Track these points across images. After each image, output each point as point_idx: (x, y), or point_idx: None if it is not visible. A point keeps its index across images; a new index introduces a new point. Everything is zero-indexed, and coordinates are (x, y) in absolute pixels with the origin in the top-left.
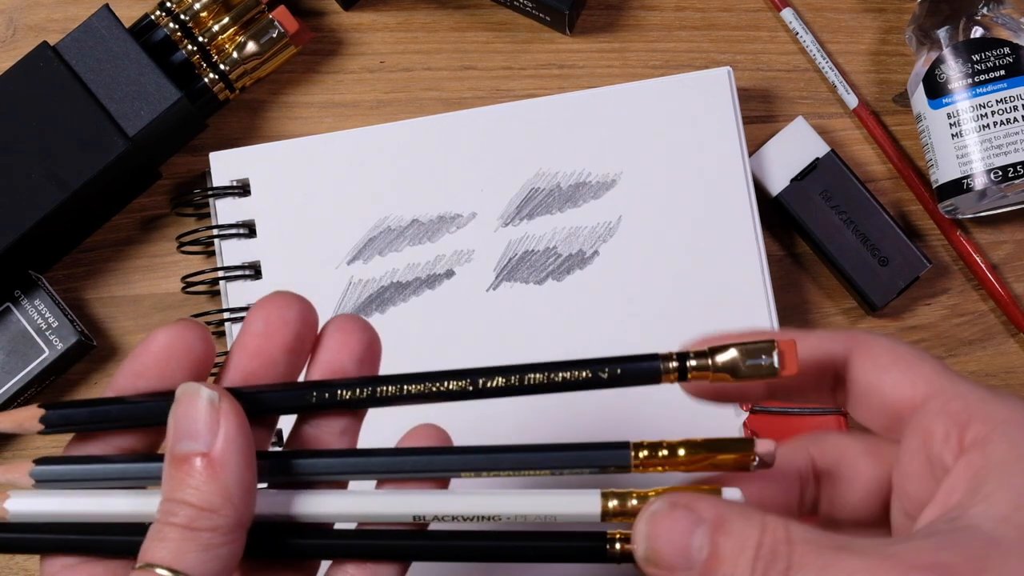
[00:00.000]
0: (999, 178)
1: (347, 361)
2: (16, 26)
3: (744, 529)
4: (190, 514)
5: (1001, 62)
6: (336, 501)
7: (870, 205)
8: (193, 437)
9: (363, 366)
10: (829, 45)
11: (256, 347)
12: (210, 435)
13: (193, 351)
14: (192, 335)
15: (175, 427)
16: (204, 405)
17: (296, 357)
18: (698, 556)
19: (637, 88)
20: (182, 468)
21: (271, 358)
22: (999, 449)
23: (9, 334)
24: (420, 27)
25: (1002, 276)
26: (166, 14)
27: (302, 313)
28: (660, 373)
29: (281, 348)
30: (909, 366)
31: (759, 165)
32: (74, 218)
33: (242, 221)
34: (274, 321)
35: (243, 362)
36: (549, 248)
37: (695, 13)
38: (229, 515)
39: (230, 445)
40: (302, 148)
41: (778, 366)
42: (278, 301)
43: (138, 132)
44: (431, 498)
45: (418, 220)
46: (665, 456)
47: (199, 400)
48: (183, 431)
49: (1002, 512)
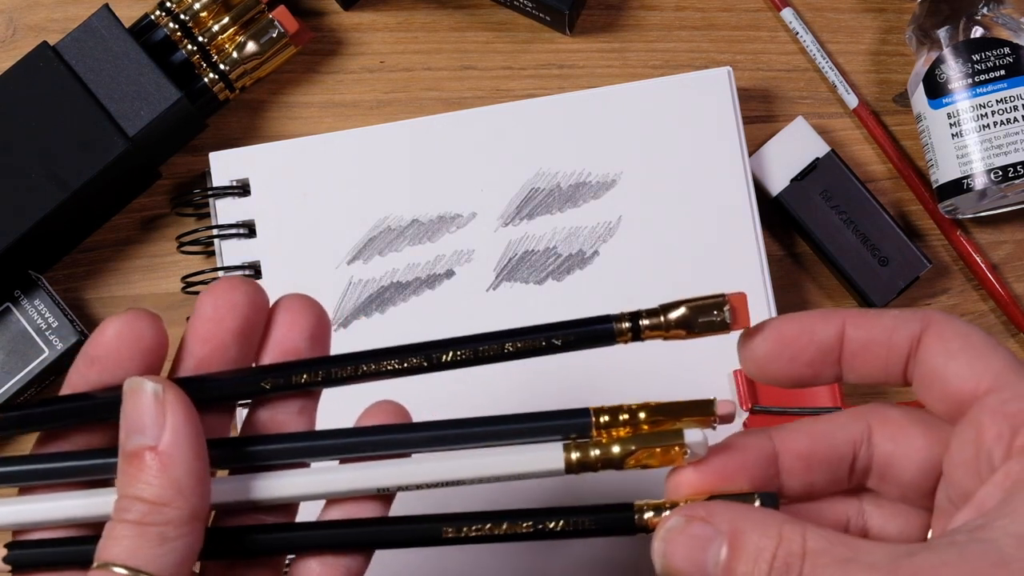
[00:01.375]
0: (999, 178)
1: (299, 340)
2: (16, 26)
3: (759, 541)
4: (143, 509)
5: (1001, 62)
6: (298, 481)
7: (870, 205)
8: (140, 432)
9: (314, 343)
10: (829, 45)
11: (206, 333)
12: (157, 428)
13: (143, 340)
14: (142, 324)
15: (124, 423)
16: (149, 399)
17: (247, 340)
18: (714, 571)
19: (637, 88)
20: (132, 463)
21: (222, 343)
22: None
23: (9, 334)
24: (420, 27)
25: (1002, 276)
26: (166, 14)
27: (249, 296)
28: (615, 334)
29: (231, 332)
30: (978, 355)
31: (759, 165)
32: (74, 218)
33: (242, 221)
34: (222, 306)
35: (195, 348)
36: (549, 248)
37: (695, 13)
38: (182, 508)
39: (177, 437)
40: (302, 148)
41: (730, 321)
42: (225, 286)
43: (138, 132)
44: (393, 469)
45: (418, 220)
46: (626, 419)
47: (144, 394)
48: (131, 426)
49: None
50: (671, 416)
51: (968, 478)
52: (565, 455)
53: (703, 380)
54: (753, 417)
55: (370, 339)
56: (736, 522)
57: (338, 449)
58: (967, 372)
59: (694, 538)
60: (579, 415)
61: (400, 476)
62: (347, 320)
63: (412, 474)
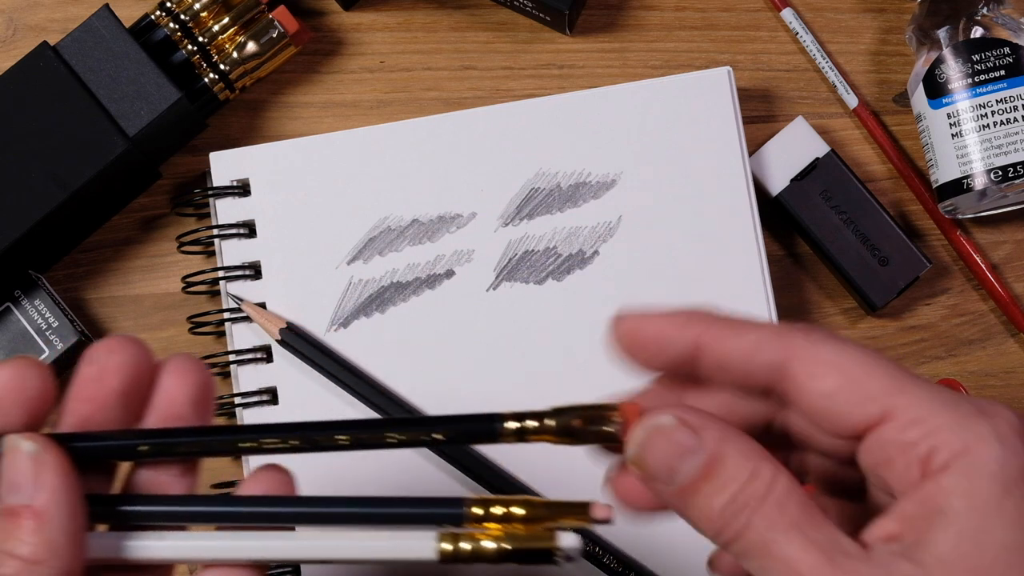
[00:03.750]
0: (999, 178)
1: (182, 403)
2: (16, 26)
3: (734, 471)
4: (17, 567)
5: (1001, 62)
6: (173, 544)
7: (870, 205)
8: (17, 490)
9: (197, 408)
10: (829, 45)
11: (89, 393)
12: (33, 488)
13: (27, 390)
14: (29, 374)
15: (3, 479)
16: (25, 459)
17: (130, 401)
18: (681, 480)
19: (637, 88)
20: (9, 520)
21: (105, 403)
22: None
23: (9, 334)
24: (420, 27)
25: (1002, 276)
26: (166, 14)
27: (135, 357)
28: (498, 434)
29: (114, 392)
30: (857, 385)
31: (759, 165)
32: (74, 218)
33: (242, 221)
34: (106, 366)
35: (78, 407)
36: (549, 248)
37: (695, 13)
38: (56, 566)
39: (54, 497)
40: (302, 148)
41: (620, 434)
42: (110, 346)
43: (138, 132)
44: (270, 542)
45: (418, 220)
46: (501, 514)
47: (20, 453)
48: (9, 484)
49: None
50: (547, 516)
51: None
52: (437, 545)
53: None
54: None
55: (370, 339)
56: (722, 444)
57: (216, 517)
58: (851, 408)
59: (676, 443)
60: (452, 504)
61: (275, 550)
62: (347, 320)
63: (286, 549)
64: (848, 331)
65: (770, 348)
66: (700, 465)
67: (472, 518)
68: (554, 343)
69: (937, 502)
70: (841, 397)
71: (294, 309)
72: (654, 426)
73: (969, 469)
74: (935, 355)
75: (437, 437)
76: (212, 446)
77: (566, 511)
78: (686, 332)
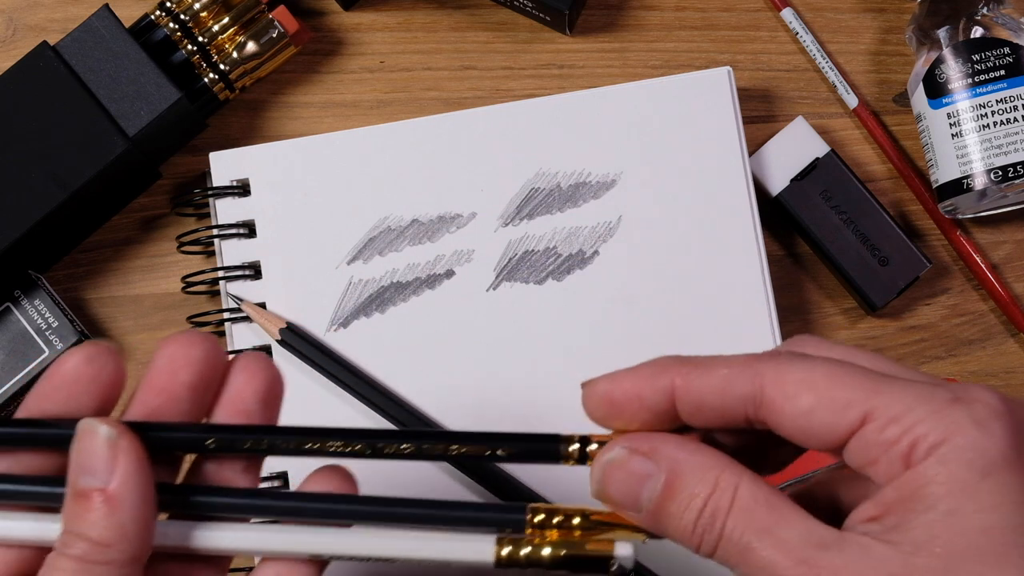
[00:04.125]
0: (999, 178)
1: (250, 401)
2: (16, 26)
3: (694, 487)
4: (86, 548)
5: (1001, 62)
6: (234, 535)
7: (870, 205)
8: (91, 473)
9: (265, 405)
10: (829, 45)
11: (161, 384)
12: (107, 472)
13: (99, 376)
14: (101, 360)
15: (75, 461)
16: (102, 442)
17: (200, 395)
18: (647, 505)
19: (637, 88)
20: (80, 503)
21: (175, 395)
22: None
23: (9, 334)
24: (420, 27)
25: (1002, 276)
26: (166, 14)
27: (207, 353)
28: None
29: (185, 386)
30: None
31: (759, 165)
32: (74, 218)
33: (242, 221)
34: (179, 359)
35: (148, 398)
36: (549, 248)
37: (695, 13)
38: (124, 551)
39: (127, 482)
40: (302, 148)
41: None
42: (184, 340)
43: (138, 132)
44: (329, 537)
45: (418, 220)
46: (560, 521)
47: (97, 437)
48: (82, 466)
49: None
50: (604, 526)
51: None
52: (496, 549)
53: None
54: None
55: (370, 339)
56: (676, 462)
57: (278, 511)
58: (830, 420)
59: (632, 473)
60: (515, 510)
61: (334, 546)
62: (347, 320)
63: (346, 545)
64: (848, 331)
65: (741, 380)
66: (660, 488)
67: (532, 524)
68: (554, 343)
69: (915, 489)
70: (819, 412)
71: (294, 309)
72: (607, 461)
73: (946, 456)
74: (935, 355)
75: (500, 453)
76: (277, 445)
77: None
78: (658, 383)
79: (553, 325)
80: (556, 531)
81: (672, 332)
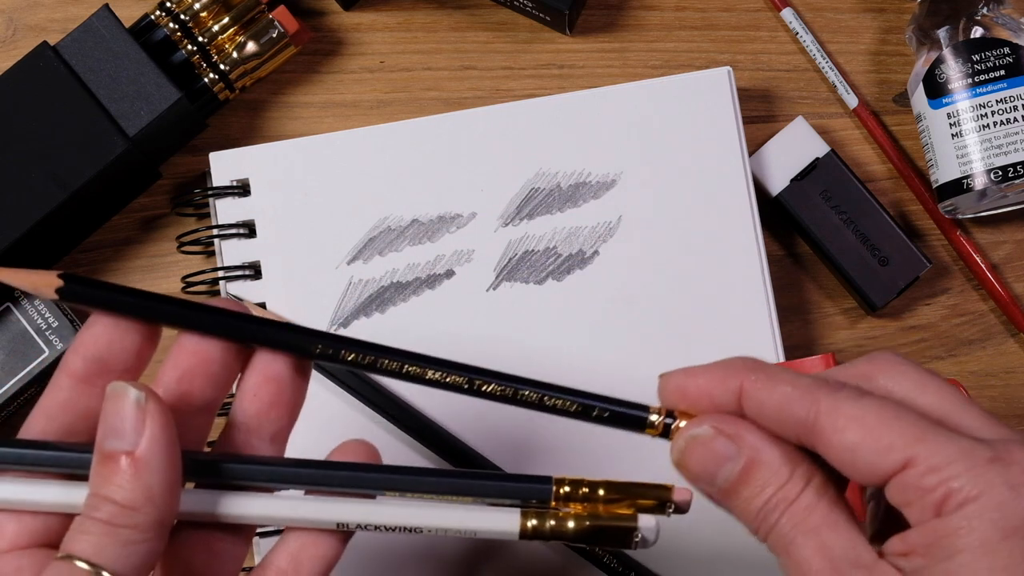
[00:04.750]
0: (999, 178)
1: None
2: (16, 26)
3: (769, 477)
4: (112, 511)
5: (1001, 62)
6: (261, 503)
7: (870, 205)
8: (119, 436)
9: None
10: (829, 45)
11: (192, 347)
12: (135, 435)
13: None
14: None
15: (103, 424)
16: (131, 405)
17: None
18: (720, 483)
19: (637, 88)
20: (107, 465)
21: (207, 356)
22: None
23: (9, 334)
24: (420, 27)
25: (1002, 276)
26: (166, 14)
27: None
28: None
29: (217, 347)
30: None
31: (759, 165)
32: (74, 218)
33: (242, 221)
34: None
35: (180, 359)
36: (549, 248)
37: (695, 13)
38: (150, 514)
39: (154, 445)
40: (302, 148)
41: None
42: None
43: (138, 132)
44: (356, 507)
45: (418, 220)
46: (586, 493)
47: (126, 400)
48: (110, 429)
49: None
50: (629, 496)
51: None
52: (522, 521)
53: None
54: None
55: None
56: (757, 451)
57: (305, 480)
58: (874, 458)
59: (714, 452)
60: (541, 481)
61: (360, 514)
62: (347, 320)
63: (372, 514)
64: (848, 331)
65: (799, 404)
66: (737, 470)
67: (558, 496)
68: (554, 343)
69: (940, 537)
70: (864, 449)
71: (294, 309)
72: (692, 435)
73: (973, 512)
74: (935, 355)
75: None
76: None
77: (648, 492)
78: (727, 384)
79: (553, 325)
80: (581, 504)
81: (672, 332)
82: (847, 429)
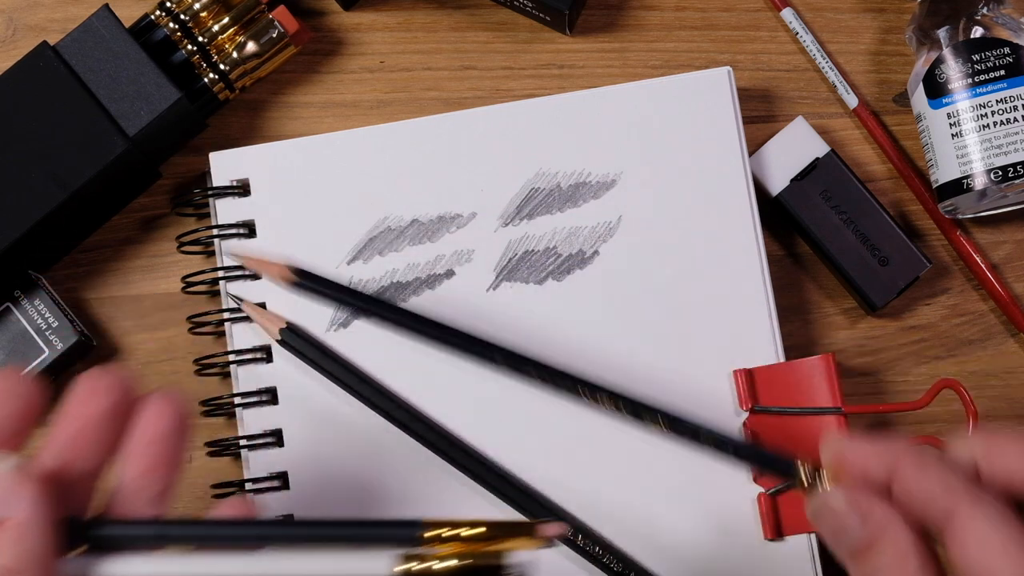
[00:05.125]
0: (999, 178)
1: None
2: (16, 26)
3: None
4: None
5: (1001, 62)
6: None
7: (870, 205)
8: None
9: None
10: (829, 45)
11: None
12: (15, 500)
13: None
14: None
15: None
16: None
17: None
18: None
19: (637, 88)
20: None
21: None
22: None
23: (9, 334)
24: (420, 27)
25: (1002, 276)
26: (166, 14)
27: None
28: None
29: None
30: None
31: (759, 165)
32: (74, 218)
33: (242, 221)
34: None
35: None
36: (549, 248)
37: (695, 13)
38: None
39: (32, 510)
40: (302, 148)
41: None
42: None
43: (138, 132)
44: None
45: (418, 220)
46: (452, 535)
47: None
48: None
49: None
50: (498, 537)
51: None
52: (393, 564)
53: (705, 378)
54: (753, 417)
55: (370, 339)
56: (881, 531)
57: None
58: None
59: (843, 523)
60: (408, 527)
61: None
62: (347, 320)
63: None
64: (848, 331)
65: (939, 503)
66: (856, 544)
67: (426, 540)
68: (554, 343)
69: None
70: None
71: (294, 309)
72: (827, 504)
73: None
74: (935, 355)
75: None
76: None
77: (514, 531)
78: (883, 462)
79: (553, 325)
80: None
81: (672, 332)
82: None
